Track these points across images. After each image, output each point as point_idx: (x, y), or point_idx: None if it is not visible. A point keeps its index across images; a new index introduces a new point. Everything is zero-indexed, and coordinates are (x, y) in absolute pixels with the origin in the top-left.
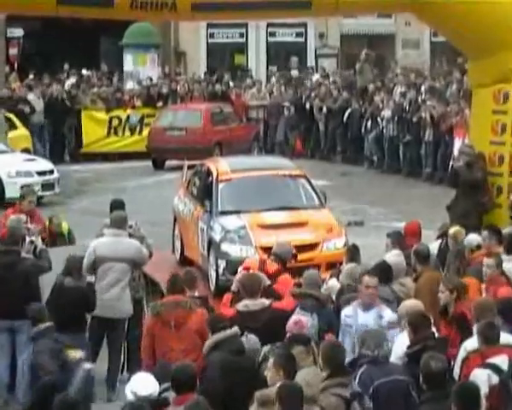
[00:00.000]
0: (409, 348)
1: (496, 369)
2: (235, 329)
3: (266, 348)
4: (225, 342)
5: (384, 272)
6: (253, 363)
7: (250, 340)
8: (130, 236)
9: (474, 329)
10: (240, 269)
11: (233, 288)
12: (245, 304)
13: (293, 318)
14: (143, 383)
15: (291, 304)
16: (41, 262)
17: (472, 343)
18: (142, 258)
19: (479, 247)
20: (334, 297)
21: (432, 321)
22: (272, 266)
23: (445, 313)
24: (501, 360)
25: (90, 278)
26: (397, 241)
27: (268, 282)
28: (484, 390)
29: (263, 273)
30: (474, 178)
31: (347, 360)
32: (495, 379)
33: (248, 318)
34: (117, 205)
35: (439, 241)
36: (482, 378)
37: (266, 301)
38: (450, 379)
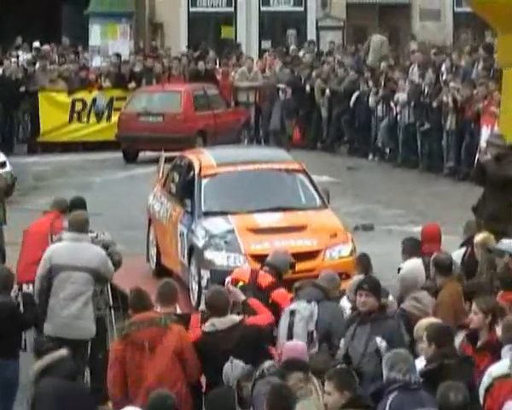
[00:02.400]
0: (425, 365)
1: None
2: (64, 351)
3: (267, 365)
4: (55, 367)
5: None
6: (87, 390)
7: (236, 367)
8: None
9: (503, 352)
10: (227, 280)
11: (201, 307)
12: (212, 323)
13: (290, 343)
14: None
15: (267, 319)
16: None
17: (499, 368)
18: (108, 270)
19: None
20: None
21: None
22: (266, 279)
23: (473, 339)
24: None
25: (27, 288)
26: (409, 249)
27: (242, 297)
28: None
29: (254, 287)
30: (504, 174)
31: (373, 388)
32: None
33: (217, 338)
34: (77, 204)
35: (464, 249)
36: None
37: (236, 318)
38: None
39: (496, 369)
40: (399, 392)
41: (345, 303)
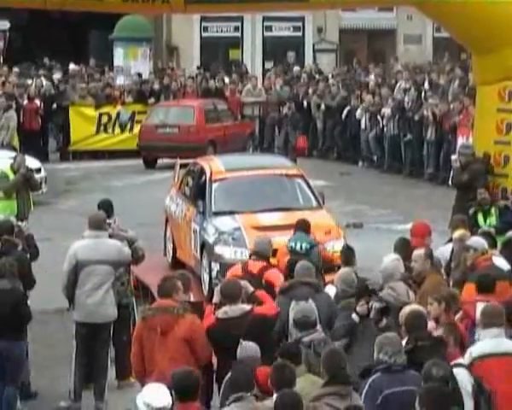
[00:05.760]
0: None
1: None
2: None
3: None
4: None
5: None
6: None
7: (246, 347)
8: (111, 237)
9: (481, 335)
10: (227, 275)
11: (214, 299)
12: (224, 311)
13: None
14: (158, 395)
15: (273, 309)
16: None
17: (477, 349)
18: (125, 257)
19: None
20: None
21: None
22: (255, 266)
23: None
24: None
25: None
26: (399, 248)
27: (251, 289)
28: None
29: (248, 275)
30: (460, 180)
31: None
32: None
33: (229, 325)
34: (104, 205)
35: (451, 244)
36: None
37: (246, 307)
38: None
39: (475, 350)
40: (381, 373)
41: (330, 290)
